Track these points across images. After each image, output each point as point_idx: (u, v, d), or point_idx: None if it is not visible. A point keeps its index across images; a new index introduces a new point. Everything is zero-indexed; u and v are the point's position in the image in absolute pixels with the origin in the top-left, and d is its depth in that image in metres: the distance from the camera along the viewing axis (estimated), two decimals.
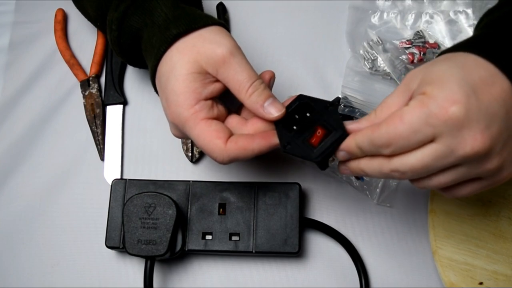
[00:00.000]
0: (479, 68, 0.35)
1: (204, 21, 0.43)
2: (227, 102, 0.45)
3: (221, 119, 0.44)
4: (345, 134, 0.38)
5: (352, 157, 0.39)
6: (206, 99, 0.42)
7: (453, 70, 0.34)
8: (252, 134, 0.42)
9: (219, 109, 0.43)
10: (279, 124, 0.42)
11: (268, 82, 0.44)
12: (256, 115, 0.42)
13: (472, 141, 0.33)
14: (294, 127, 0.41)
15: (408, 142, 0.34)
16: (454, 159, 0.34)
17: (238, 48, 0.42)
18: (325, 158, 0.39)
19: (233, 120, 0.44)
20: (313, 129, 0.40)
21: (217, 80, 0.42)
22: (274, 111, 0.41)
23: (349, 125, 0.39)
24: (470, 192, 0.38)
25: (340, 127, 0.39)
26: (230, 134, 0.42)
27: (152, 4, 0.45)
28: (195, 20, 0.43)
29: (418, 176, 0.37)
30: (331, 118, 0.40)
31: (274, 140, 0.41)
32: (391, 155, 0.36)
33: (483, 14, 0.43)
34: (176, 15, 0.44)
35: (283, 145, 0.41)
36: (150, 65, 0.44)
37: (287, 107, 0.42)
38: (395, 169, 0.36)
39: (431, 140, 0.34)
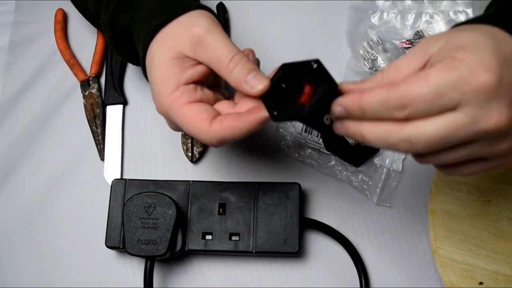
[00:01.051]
0: (507, 41, 0.32)
1: (185, 8, 0.42)
2: (219, 91, 0.45)
3: (208, 103, 0.42)
4: (334, 84, 0.36)
5: (351, 116, 0.35)
6: (187, 83, 0.40)
7: (484, 37, 0.31)
8: (239, 112, 0.40)
9: (205, 93, 0.42)
10: (265, 98, 0.39)
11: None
12: (242, 93, 0.40)
13: (498, 115, 0.30)
14: (282, 96, 0.39)
15: (429, 106, 0.31)
16: (473, 133, 0.31)
17: (215, 25, 0.41)
18: (317, 114, 0.37)
19: (223, 105, 0.42)
20: (300, 88, 0.37)
21: (199, 63, 0.41)
22: (258, 84, 0.38)
23: (351, 85, 0.36)
24: (472, 172, 0.35)
25: (328, 79, 0.37)
26: (216, 115, 0.40)
27: (139, 0, 0.44)
28: (175, 8, 0.42)
29: (430, 150, 0.33)
30: (318, 73, 0.38)
31: (261, 113, 0.38)
32: (404, 120, 0.32)
33: None
34: (159, 7, 0.43)
35: (272, 115, 0.38)
36: (140, 60, 0.44)
37: (272, 79, 0.39)
38: (406, 138, 0.32)
39: (453, 109, 0.31)
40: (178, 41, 0.41)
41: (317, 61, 0.38)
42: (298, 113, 0.37)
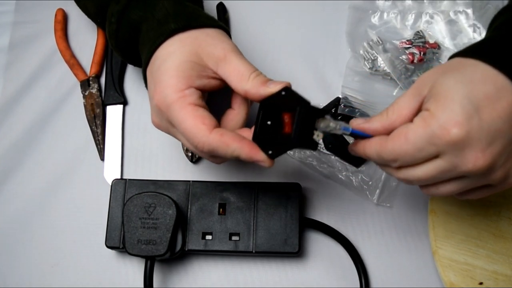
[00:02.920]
0: (486, 82, 0.35)
1: (204, 21, 0.44)
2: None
3: None
4: (307, 103, 0.37)
5: None
6: (198, 89, 0.42)
7: (458, 86, 0.35)
8: (241, 136, 0.41)
9: (205, 107, 0.43)
10: (257, 139, 0.41)
11: None
12: (254, 99, 0.42)
13: (474, 160, 0.34)
14: (270, 132, 0.40)
15: (413, 158, 0.36)
16: (458, 174, 0.36)
17: (238, 49, 0.43)
18: (304, 137, 0.38)
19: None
20: (281, 120, 0.39)
21: (213, 78, 0.43)
22: (278, 84, 0.40)
23: (361, 124, 0.39)
24: (480, 196, 0.39)
25: (300, 100, 0.38)
26: (216, 126, 0.41)
27: None
28: (196, 18, 0.44)
29: (425, 184, 0.39)
30: (289, 99, 0.39)
31: (258, 155, 0.40)
32: (398, 167, 0.38)
33: (498, 12, 0.43)
34: (177, 11, 0.44)
35: (268, 154, 0.40)
36: (143, 57, 0.44)
37: (256, 121, 0.41)
38: (402, 178, 0.38)
39: (436, 156, 0.36)
40: (204, 50, 0.42)
41: (285, 89, 0.39)
42: (287, 144, 0.38)
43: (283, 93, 0.39)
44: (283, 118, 0.38)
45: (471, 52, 0.38)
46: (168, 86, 0.41)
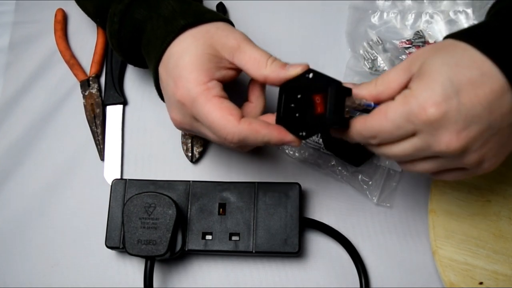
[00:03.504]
0: (472, 66, 0.35)
1: (212, 16, 0.45)
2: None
3: None
4: (338, 83, 0.38)
5: None
6: (219, 80, 0.43)
7: (443, 68, 0.35)
8: (268, 122, 0.42)
9: (228, 98, 0.43)
10: (284, 123, 0.42)
11: None
12: (275, 83, 0.42)
13: (447, 141, 0.35)
14: (297, 114, 0.41)
15: (391, 136, 0.37)
16: (432, 153, 0.37)
17: (248, 38, 0.44)
18: (339, 115, 0.38)
19: None
20: (311, 101, 0.39)
21: (231, 68, 0.44)
22: (298, 66, 0.41)
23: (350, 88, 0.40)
24: (454, 178, 0.41)
25: (330, 81, 0.38)
26: (242, 116, 0.42)
27: None
28: (203, 13, 0.45)
29: (403, 160, 0.40)
30: (318, 81, 0.39)
31: (287, 137, 0.41)
32: (378, 145, 0.39)
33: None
34: (184, 8, 0.45)
35: (299, 135, 0.41)
36: (153, 55, 0.44)
37: (278, 108, 0.42)
38: (382, 154, 0.40)
39: (413, 134, 0.37)
40: (217, 42, 0.43)
41: (310, 70, 0.40)
42: (322, 124, 0.38)
43: (310, 75, 0.40)
44: (314, 99, 0.39)
45: (463, 35, 0.38)
46: (190, 80, 0.41)
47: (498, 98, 0.35)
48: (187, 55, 0.42)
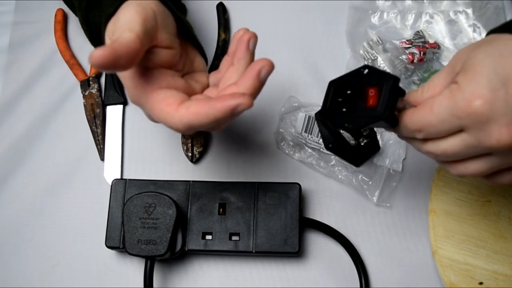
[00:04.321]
0: None
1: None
2: (197, 77, 0.45)
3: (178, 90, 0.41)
4: (396, 78, 0.38)
5: None
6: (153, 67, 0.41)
7: (487, 59, 0.34)
8: (208, 98, 0.39)
9: (174, 80, 0.41)
10: (328, 117, 0.42)
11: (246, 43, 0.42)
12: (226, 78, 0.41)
13: (498, 134, 0.33)
14: (343, 109, 0.40)
15: (437, 130, 0.36)
16: (483, 150, 0.35)
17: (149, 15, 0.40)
18: (391, 110, 0.37)
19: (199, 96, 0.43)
20: (364, 93, 0.38)
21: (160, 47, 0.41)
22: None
23: None
24: (511, 180, 0.38)
25: (388, 75, 0.38)
26: (184, 100, 0.39)
27: None
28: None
29: (452, 159, 0.38)
30: (374, 75, 0.39)
31: (231, 101, 0.36)
32: (424, 140, 0.37)
33: None
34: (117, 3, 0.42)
35: (344, 127, 0.40)
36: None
37: (325, 101, 0.42)
38: (429, 151, 0.38)
39: (461, 130, 0.35)
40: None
41: (366, 66, 0.39)
42: (373, 115, 0.38)
43: (365, 71, 0.39)
44: (367, 92, 0.38)
45: (505, 27, 0.37)
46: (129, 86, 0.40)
47: None
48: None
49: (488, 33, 0.38)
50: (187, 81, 0.44)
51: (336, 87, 0.42)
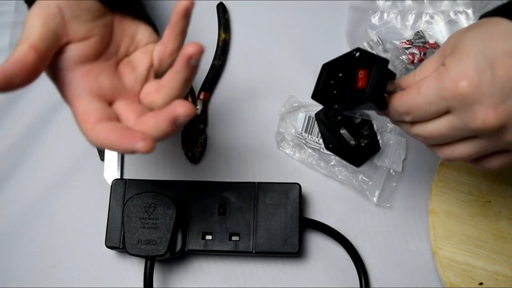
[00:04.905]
0: (507, 37, 0.34)
1: None
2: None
3: (106, 87, 0.38)
4: (385, 61, 0.38)
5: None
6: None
7: (476, 41, 0.34)
8: (122, 128, 0.36)
9: (98, 80, 0.38)
10: (320, 99, 0.42)
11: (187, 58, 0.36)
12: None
13: (483, 116, 0.33)
14: (335, 92, 0.41)
15: (424, 112, 0.36)
16: (469, 131, 0.35)
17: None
18: (379, 92, 0.38)
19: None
20: (354, 76, 0.39)
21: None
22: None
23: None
24: (501, 165, 0.38)
25: (378, 58, 0.38)
26: (102, 118, 0.37)
27: None
28: None
29: (439, 142, 0.38)
30: (364, 58, 0.39)
31: (131, 144, 0.34)
32: (412, 122, 0.38)
33: None
34: None
35: (334, 109, 0.40)
36: None
37: (317, 84, 0.42)
38: (417, 134, 0.38)
39: (448, 112, 0.35)
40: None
41: (358, 49, 0.40)
42: (361, 97, 0.38)
43: (357, 54, 0.40)
44: (357, 74, 0.39)
45: (496, 10, 0.37)
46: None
47: None
48: None
49: (481, 17, 0.38)
50: (117, 76, 0.40)
51: (329, 70, 0.42)
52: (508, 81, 0.33)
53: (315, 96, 0.43)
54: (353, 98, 0.39)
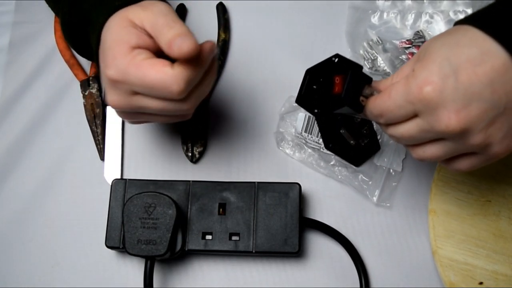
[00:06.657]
0: (472, 45, 0.35)
1: None
2: None
3: None
4: (359, 66, 0.40)
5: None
6: (140, 47, 0.41)
7: (443, 48, 0.36)
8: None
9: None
10: (303, 103, 0.45)
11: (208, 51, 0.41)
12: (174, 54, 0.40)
13: (446, 120, 0.35)
14: (315, 96, 0.43)
15: (394, 116, 0.38)
16: (436, 134, 0.37)
17: (166, 5, 0.42)
18: (353, 96, 0.40)
19: None
20: (331, 82, 0.41)
21: (151, 36, 0.41)
22: (184, 45, 0.38)
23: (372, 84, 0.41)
24: (469, 166, 0.39)
25: (352, 64, 0.40)
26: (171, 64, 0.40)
27: None
28: None
29: (411, 143, 0.40)
30: (341, 64, 0.41)
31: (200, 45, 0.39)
32: (386, 124, 0.40)
33: None
34: None
35: (313, 113, 0.44)
36: (94, 38, 0.44)
37: (300, 88, 0.44)
38: (391, 134, 0.40)
39: (416, 115, 0.37)
40: (131, 11, 0.42)
41: (337, 56, 0.42)
42: (337, 102, 0.40)
43: (335, 60, 0.42)
44: (334, 80, 0.41)
45: (467, 18, 0.38)
46: (115, 57, 0.40)
47: (500, 75, 0.34)
48: (109, 36, 0.42)
49: (454, 24, 0.39)
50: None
51: (312, 75, 0.44)
52: (470, 87, 0.34)
53: (299, 100, 0.45)
54: (331, 102, 0.41)
